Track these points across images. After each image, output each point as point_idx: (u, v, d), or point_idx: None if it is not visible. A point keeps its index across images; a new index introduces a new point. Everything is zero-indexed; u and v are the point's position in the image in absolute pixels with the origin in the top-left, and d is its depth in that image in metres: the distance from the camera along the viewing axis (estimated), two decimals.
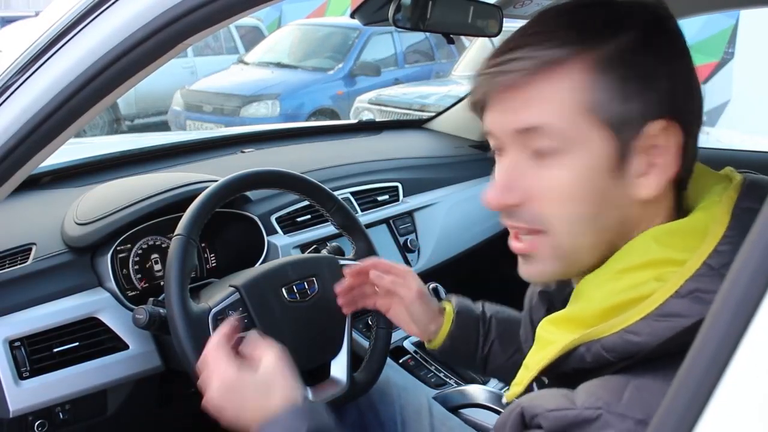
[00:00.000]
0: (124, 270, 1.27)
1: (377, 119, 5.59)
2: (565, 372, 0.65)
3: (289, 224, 1.54)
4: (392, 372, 1.28)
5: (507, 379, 1.12)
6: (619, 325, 0.61)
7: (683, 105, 0.64)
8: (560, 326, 0.67)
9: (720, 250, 0.60)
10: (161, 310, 1.10)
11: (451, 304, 1.09)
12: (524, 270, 0.71)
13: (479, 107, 0.70)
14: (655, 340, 0.59)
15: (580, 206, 0.65)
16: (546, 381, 0.71)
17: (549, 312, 0.81)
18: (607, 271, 0.66)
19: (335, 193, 1.31)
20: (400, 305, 1.09)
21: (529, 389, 0.69)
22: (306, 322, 1.17)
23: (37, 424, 1.12)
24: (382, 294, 1.11)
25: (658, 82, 0.63)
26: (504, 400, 0.74)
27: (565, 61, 0.63)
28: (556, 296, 0.82)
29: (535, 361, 0.68)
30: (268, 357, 0.86)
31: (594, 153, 0.64)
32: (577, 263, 0.68)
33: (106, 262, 1.24)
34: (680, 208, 0.69)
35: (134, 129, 7.88)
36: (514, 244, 0.71)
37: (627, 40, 0.63)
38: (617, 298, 0.63)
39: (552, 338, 0.66)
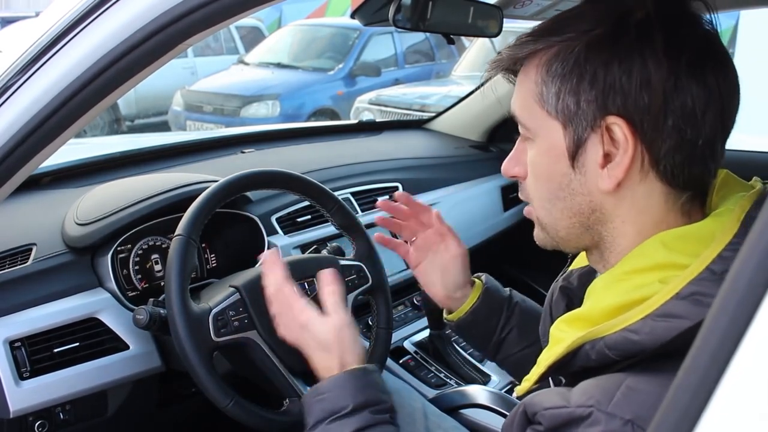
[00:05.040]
0: (125, 270, 1.27)
1: (377, 119, 5.58)
2: (576, 371, 0.67)
3: (290, 224, 1.54)
4: (384, 375, 1.27)
5: (513, 372, 1.12)
6: (621, 323, 0.62)
7: (635, 104, 0.64)
8: (571, 325, 0.68)
9: (724, 255, 0.60)
10: (161, 311, 1.10)
11: (481, 280, 1.09)
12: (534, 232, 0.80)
13: None
14: (654, 339, 0.60)
15: (545, 186, 0.73)
16: (563, 380, 0.72)
17: (569, 308, 0.83)
18: (617, 271, 0.68)
19: (335, 193, 1.31)
20: (433, 264, 1.10)
21: (546, 387, 0.71)
22: None
23: (37, 424, 1.12)
24: (416, 247, 1.12)
25: (612, 80, 0.64)
26: (514, 394, 0.77)
27: (529, 57, 0.71)
28: (577, 293, 0.83)
29: (544, 357, 0.69)
30: (336, 317, 0.94)
31: (548, 141, 0.70)
32: (562, 239, 0.75)
33: (107, 262, 1.24)
34: (703, 214, 0.69)
35: (134, 129, 7.87)
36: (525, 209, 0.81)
37: (582, 39, 0.66)
38: (622, 298, 0.64)
39: (562, 336, 0.68)
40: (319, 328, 0.93)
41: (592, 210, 0.70)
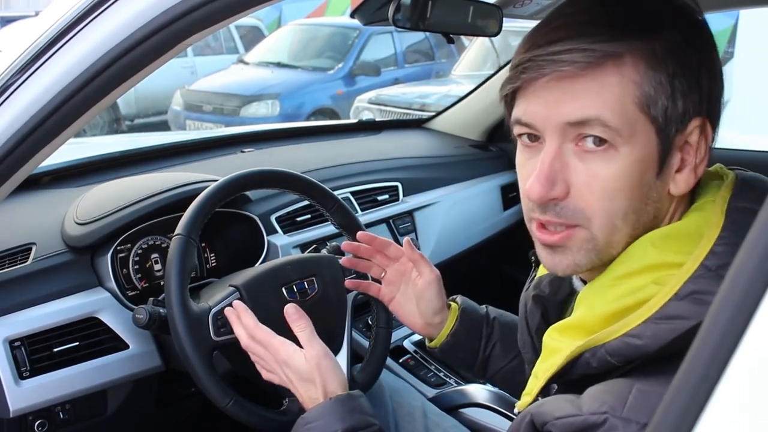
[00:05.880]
0: (124, 270, 1.27)
1: (377, 119, 5.58)
2: (573, 379, 0.66)
3: (289, 224, 1.55)
4: (384, 374, 1.28)
5: (505, 385, 1.12)
6: (621, 329, 0.62)
7: (716, 105, 0.65)
8: (565, 334, 0.67)
9: (716, 251, 0.60)
10: (161, 310, 1.10)
11: (456, 302, 1.09)
12: (551, 261, 0.69)
13: (511, 95, 0.69)
14: (657, 342, 0.59)
15: (624, 201, 0.64)
16: (555, 387, 0.71)
17: (544, 316, 0.82)
18: (607, 277, 0.67)
19: (335, 192, 1.31)
20: (406, 294, 1.10)
21: (536, 398, 0.70)
22: None
23: (37, 423, 1.12)
24: (386, 282, 1.13)
25: (701, 81, 0.64)
26: (516, 410, 0.74)
27: (619, 55, 0.62)
28: (551, 300, 0.82)
29: (543, 369, 0.68)
30: (312, 350, 0.95)
31: (642, 148, 0.63)
32: (607, 257, 0.67)
33: (106, 261, 1.24)
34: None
35: (134, 129, 7.87)
36: (542, 236, 0.68)
37: (675, 37, 0.64)
38: (618, 304, 0.63)
39: (558, 346, 0.67)
40: (299, 362, 0.95)
41: (655, 217, 0.66)
